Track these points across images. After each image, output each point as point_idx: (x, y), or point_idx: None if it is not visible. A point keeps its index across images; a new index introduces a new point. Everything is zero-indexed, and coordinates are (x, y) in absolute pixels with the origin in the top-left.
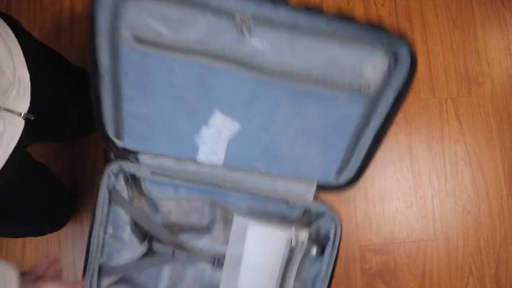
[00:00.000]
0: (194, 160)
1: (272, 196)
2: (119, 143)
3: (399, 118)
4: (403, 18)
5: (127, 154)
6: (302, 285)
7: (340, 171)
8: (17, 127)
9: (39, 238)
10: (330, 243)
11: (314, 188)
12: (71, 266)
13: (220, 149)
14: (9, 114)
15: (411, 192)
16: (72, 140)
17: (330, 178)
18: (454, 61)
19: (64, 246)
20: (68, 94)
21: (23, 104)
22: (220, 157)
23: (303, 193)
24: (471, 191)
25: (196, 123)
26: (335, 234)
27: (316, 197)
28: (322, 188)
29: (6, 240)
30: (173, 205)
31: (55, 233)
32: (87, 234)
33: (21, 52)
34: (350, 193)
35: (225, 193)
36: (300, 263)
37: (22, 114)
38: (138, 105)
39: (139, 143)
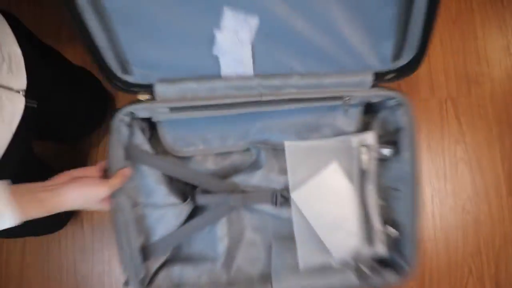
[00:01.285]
0: (218, 77)
1: (321, 97)
2: (130, 78)
3: None
4: None
5: (142, 91)
6: (381, 196)
7: (397, 52)
8: (17, 104)
9: (39, 238)
10: (405, 132)
11: (370, 76)
12: (71, 265)
13: (246, 55)
14: (6, 90)
15: None
16: (73, 142)
17: (387, 63)
18: (453, 61)
19: (64, 246)
20: (69, 90)
21: (19, 81)
22: (248, 65)
23: (358, 84)
24: (471, 191)
25: (207, 30)
26: (408, 117)
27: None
28: (379, 76)
29: (6, 240)
30: (209, 161)
31: (55, 233)
32: (87, 235)
33: (8, 27)
34: None
35: (263, 127)
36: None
37: (21, 92)
38: (133, 26)
39: (151, 72)
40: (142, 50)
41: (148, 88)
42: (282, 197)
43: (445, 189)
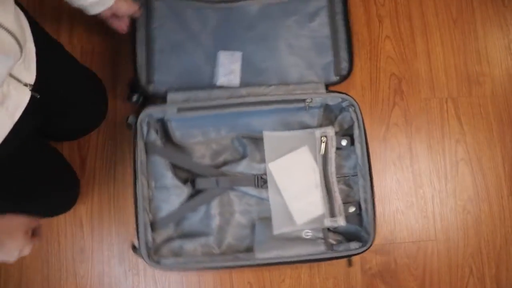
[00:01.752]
0: (215, 86)
1: (290, 98)
2: (150, 88)
3: (399, 118)
4: (403, 18)
5: (156, 99)
6: (345, 183)
7: (337, 69)
8: (22, 96)
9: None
10: (355, 125)
11: (323, 84)
12: (71, 265)
13: (235, 73)
14: (14, 81)
15: (411, 192)
16: (72, 139)
17: (331, 77)
18: (454, 61)
19: (64, 246)
20: (74, 86)
21: (29, 76)
22: (237, 79)
23: (315, 89)
24: (472, 191)
25: (212, 60)
26: (356, 114)
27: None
28: (327, 85)
29: None
30: (204, 148)
31: (55, 233)
32: (86, 235)
33: (27, 23)
34: None
35: (248, 123)
36: (338, 163)
37: (28, 85)
38: (166, 54)
39: (167, 84)
40: (165, 70)
41: (162, 96)
42: (262, 180)
43: (446, 189)
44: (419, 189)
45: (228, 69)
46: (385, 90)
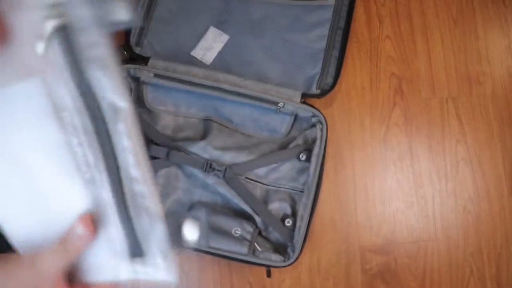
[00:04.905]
0: (195, 65)
1: (263, 97)
2: (136, 49)
3: (399, 118)
4: (403, 17)
5: (139, 61)
6: (290, 196)
7: (320, 82)
8: None
9: None
10: (317, 143)
11: (299, 93)
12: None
13: (212, 52)
14: None
15: (412, 192)
16: None
17: (312, 89)
18: (455, 60)
19: None
20: None
21: None
22: (211, 58)
23: (291, 96)
24: (472, 191)
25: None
26: (321, 133)
27: (302, 102)
28: (306, 96)
29: None
30: (170, 119)
31: None
32: None
33: None
34: (350, 193)
35: (219, 108)
36: (291, 176)
37: None
38: (163, 23)
39: (153, 51)
40: (156, 40)
41: (144, 60)
42: (210, 167)
43: (446, 189)
44: (420, 189)
45: (209, 45)
46: (385, 90)
